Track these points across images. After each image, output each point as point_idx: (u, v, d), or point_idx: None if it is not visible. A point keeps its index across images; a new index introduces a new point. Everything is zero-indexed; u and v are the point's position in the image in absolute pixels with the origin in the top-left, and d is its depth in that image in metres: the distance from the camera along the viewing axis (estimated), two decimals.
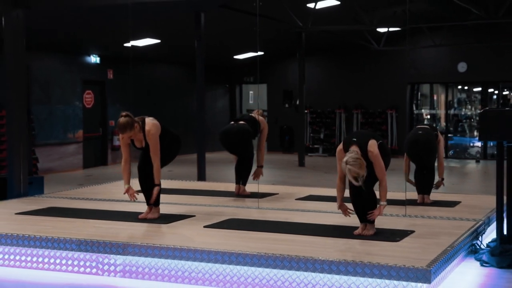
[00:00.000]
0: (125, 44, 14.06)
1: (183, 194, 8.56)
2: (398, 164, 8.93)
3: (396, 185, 8.28)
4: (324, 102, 19.30)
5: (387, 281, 4.86)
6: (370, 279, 4.90)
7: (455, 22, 14.65)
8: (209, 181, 11.61)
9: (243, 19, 12.64)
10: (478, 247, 6.40)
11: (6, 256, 6.11)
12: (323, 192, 8.74)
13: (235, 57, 18.86)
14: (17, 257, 6.06)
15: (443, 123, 18.94)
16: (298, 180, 12.94)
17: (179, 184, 9.88)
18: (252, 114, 8.66)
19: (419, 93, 19.36)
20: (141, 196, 6.94)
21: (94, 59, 15.86)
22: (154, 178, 6.67)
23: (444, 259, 5.12)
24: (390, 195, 7.40)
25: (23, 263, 6.05)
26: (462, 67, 17.90)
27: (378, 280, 4.88)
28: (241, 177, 8.44)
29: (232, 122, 8.55)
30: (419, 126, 8.15)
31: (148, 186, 6.78)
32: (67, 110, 15.24)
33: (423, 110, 19.32)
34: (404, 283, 4.82)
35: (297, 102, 17.53)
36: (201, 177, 11.91)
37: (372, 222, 5.98)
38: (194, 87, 12.70)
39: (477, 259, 6.15)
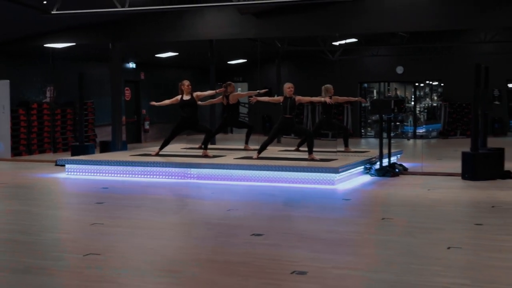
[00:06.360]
0: (156, 55, 20.16)
1: (212, 150, 14.61)
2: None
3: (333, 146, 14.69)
4: None
5: (319, 174, 11.14)
6: (313, 173, 11.18)
7: (387, 45, 21.00)
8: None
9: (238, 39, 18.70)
10: (371, 170, 12.75)
11: (139, 173, 12.28)
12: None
13: (228, 62, 24.96)
14: (145, 172, 12.24)
15: None
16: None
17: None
18: None
19: (373, 91, 25.52)
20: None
21: (131, 65, 21.56)
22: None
23: (346, 166, 11.48)
24: (329, 148, 13.81)
25: (147, 176, 12.24)
26: (400, 69, 24.30)
27: (316, 174, 11.16)
28: (247, 139, 14.62)
29: None
30: None
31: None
32: None
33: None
34: (328, 174, 11.10)
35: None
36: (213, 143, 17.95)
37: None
38: (198, 84, 18.50)
39: (369, 174, 12.52)
